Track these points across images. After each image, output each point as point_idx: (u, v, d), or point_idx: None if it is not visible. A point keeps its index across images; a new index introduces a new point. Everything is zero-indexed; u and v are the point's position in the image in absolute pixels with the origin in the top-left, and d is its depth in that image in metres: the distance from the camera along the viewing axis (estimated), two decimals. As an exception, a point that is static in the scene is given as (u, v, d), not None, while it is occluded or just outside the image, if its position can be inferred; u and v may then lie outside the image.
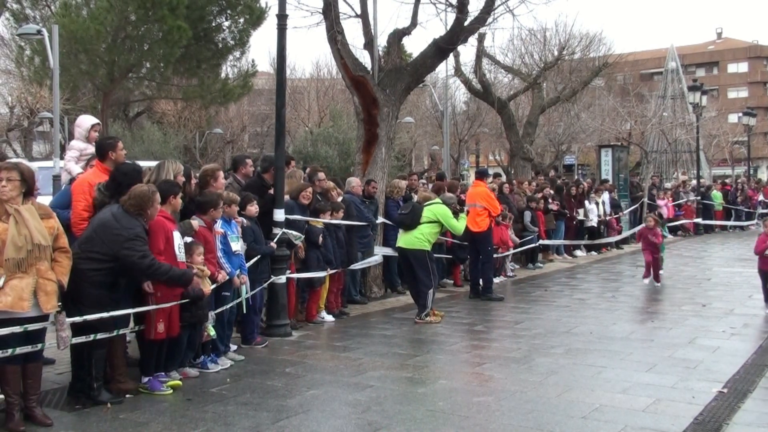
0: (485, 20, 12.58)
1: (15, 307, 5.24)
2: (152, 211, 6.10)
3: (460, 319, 10.12)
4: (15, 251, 5.25)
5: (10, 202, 5.35)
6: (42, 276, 5.37)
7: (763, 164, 61.30)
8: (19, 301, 5.26)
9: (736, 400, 6.19)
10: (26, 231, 5.30)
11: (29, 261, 5.30)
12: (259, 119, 46.78)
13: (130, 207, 6.02)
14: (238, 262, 7.60)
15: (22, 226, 5.31)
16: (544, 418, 5.72)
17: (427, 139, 43.85)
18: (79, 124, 7.77)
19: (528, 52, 27.96)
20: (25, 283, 5.29)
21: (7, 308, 5.22)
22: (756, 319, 9.81)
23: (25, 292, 5.28)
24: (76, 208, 6.51)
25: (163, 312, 6.29)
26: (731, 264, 16.11)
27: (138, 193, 6.06)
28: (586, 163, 42.51)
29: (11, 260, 5.23)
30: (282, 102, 9.46)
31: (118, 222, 5.94)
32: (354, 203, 10.71)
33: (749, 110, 36.45)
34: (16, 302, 5.25)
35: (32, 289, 5.33)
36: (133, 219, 5.99)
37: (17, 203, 5.38)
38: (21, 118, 32.31)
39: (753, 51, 72.10)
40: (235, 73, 33.12)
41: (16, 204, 5.37)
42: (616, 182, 21.61)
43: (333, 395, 6.33)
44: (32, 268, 5.32)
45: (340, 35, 11.73)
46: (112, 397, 6.07)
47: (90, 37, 25.07)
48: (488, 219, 11.93)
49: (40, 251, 5.35)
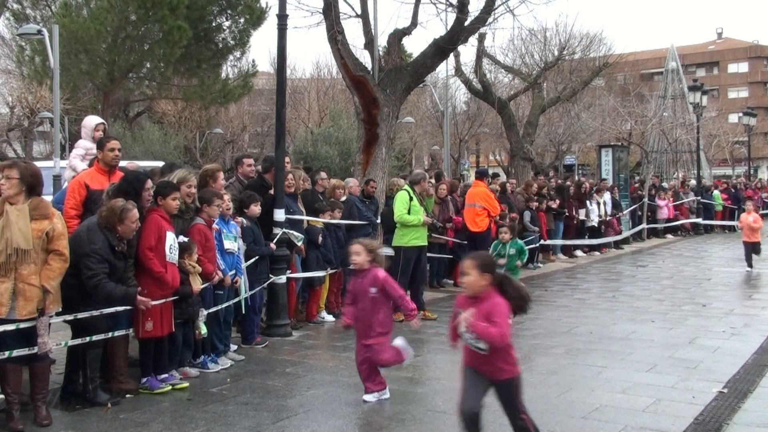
0: (485, 20, 12.60)
1: None
2: (123, 228, 5.89)
3: (460, 319, 10.09)
4: None
5: (8, 200, 5.31)
6: (23, 280, 5.29)
7: (763, 164, 61.28)
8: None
9: (736, 400, 6.18)
10: (8, 234, 5.23)
11: (8, 265, 5.23)
12: (260, 119, 46.76)
13: (100, 220, 5.91)
14: (231, 261, 7.54)
15: (6, 229, 5.24)
16: (545, 418, 5.71)
17: (427, 139, 43.83)
18: (85, 124, 7.98)
19: (528, 52, 27.96)
20: (3, 288, 5.24)
21: None
22: (756, 319, 9.81)
23: (3, 296, 5.23)
24: (65, 207, 6.57)
25: (151, 310, 6.26)
26: (731, 264, 16.10)
27: (109, 208, 5.94)
28: (587, 163, 42.49)
29: None
30: (282, 102, 9.46)
31: (86, 234, 5.87)
32: (353, 204, 10.71)
33: (749, 110, 36.47)
34: None
35: (10, 294, 5.26)
36: (99, 233, 5.84)
37: (17, 201, 5.34)
38: (21, 117, 32.30)
39: (753, 51, 72.06)
40: (235, 73, 33.13)
41: (16, 202, 5.32)
42: (617, 182, 21.62)
43: (333, 395, 6.33)
44: (11, 273, 5.25)
45: (341, 35, 11.75)
46: (111, 397, 6.06)
47: (90, 37, 25.07)
48: (488, 219, 11.89)
49: (21, 255, 5.26)
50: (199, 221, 7.04)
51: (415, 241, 9.86)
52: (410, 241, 9.83)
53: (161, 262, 6.28)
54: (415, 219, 9.81)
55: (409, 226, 9.79)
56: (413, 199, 9.90)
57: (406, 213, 9.78)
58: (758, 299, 11.13)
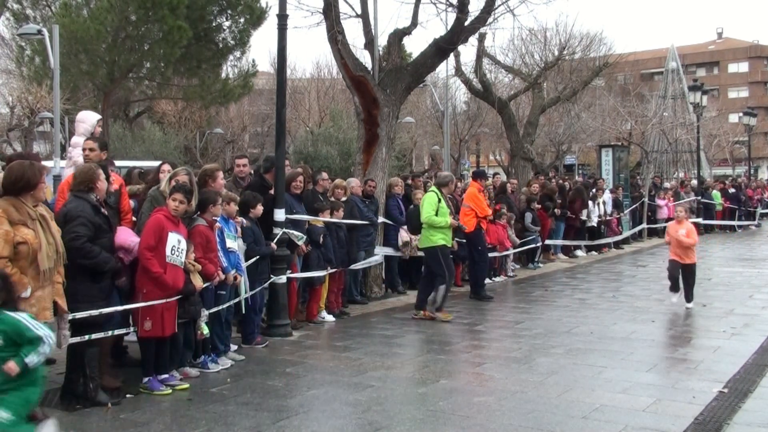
0: (485, 20, 12.59)
1: (40, 318, 5.12)
2: (101, 185, 6.03)
3: (460, 319, 10.11)
4: (47, 261, 5.11)
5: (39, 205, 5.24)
6: (55, 281, 5.32)
7: (763, 164, 61.28)
8: (44, 311, 5.19)
9: (736, 400, 6.18)
10: (52, 239, 5.20)
11: (55, 270, 5.24)
12: (260, 119, 46.74)
13: (76, 186, 5.98)
14: (234, 260, 7.57)
15: (48, 233, 5.18)
16: (545, 418, 5.72)
17: (427, 139, 43.82)
18: (84, 119, 7.82)
19: (528, 52, 27.95)
20: (47, 292, 5.22)
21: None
22: (756, 319, 9.81)
23: (47, 301, 5.22)
24: (56, 207, 6.56)
25: (150, 310, 6.27)
26: (731, 264, 16.10)
27: (81, 171, 6.03)
28: (587, 163, 42.46)
29: (46, 271, 5.10)
30: (282, 102, 9.47)
31: (67, 207, 5.91)
32: (355, 204, 10.72)
33: (750, 110, 36.44)
34: (41, 312, 5.16)
35: (52, 297, 5.27)
36: (80, 201, 5.91)
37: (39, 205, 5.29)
38: (21, 118, 32.30)
39: (753, 51, 72.07)
40: (235, 73, 33.09)
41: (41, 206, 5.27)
42: (617, 182, 21.61)
43: (333, 395, 6.33)
44: (53, 276, 5.26)
45: (341, 35, 11.74)
46: (110, 397, 6.06)
47: (90, 37, 25.05)
48: (474, 219, 11.89)
49: (61, 259, 5.30)
50: (201, 222, 7.03)
51: (441, 241, 10.03)
52: (438, 240, 10.01)
53: (160, 262, 6.27)
54: (443, 221, 10.01)
55: (436, 227, 9.98)
56: (441, 200, 10.10)
57: (434, 214, 9.97)
58: (758, 299, 11.12)
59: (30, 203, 5.14)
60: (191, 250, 6.70)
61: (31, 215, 5.10)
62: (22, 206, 5.08)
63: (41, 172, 5.29)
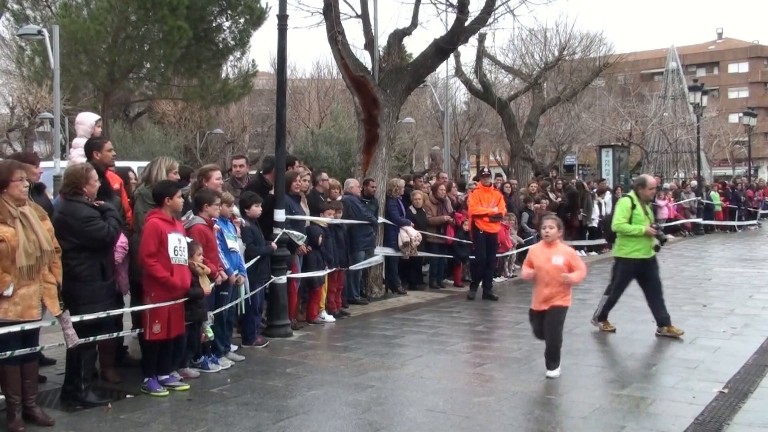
0: (486, 20, 12.57)
1: (25, 316, 5.19)
2: (89, 188, 6.00)
3: (460, 319, 10.11)
4: (26, 258, 5.14)
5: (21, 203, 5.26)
6: (45, 280, 5.33)
7: (763, 164, 61.27)
8: (29, 310, 5.22)
9: (736, 401, 6.18)
10: (34, 236, 5.21)
11: (37, 267, 5.23)
12: (260, 119, 46.77)
13: (66, 189, 5.96)
14: (236, 260, 7.57)
15: (30, 231, 5.20)
16: (545, 418, 5.72)
17: (427, 139, 43.83)
18: (83, 121, 7.81)
19: (528, 52, 27.96)
20: (33, 291, 5.24)
21: (18, 317, 5.18)
22: (756, 319, 9.81)
23: (33, 299, 5.24)
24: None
25: (158, 313, 6.26)
26: (732, 264, 16.10)
27: (72, 172, 6.02)
28: (587, 163, 42.51)
29: (24, 268, 5.13)
30: (282, 102, 9.47)
31: (62, 213, 5.90)
32: (353, 203, 10.70)
33: (750, 110, 36.45)
34: (26, 311, 5.20)
35: (40, 296, 5.29)
36: (73, 204, 5.90)
37: (26, 203, 5.31)
38: (21, 118, 32.35)
39: (753, 51, 72.07)
40: (235, 73, 33.12)
41: (25, 205, 5.29)
42: (617, 182, 21.62)
43: (333, 395, 6.33)
44: (38, 275, 5.27)
45: (341, 35, 11.73)
46: (99, 398, 6.05)
47: (90, 38, 25.05)
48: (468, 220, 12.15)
49: (46, 256, 5.29)
50: (199, 221, 7.03)
51: (636, 253, 8.91)
52: (630, 252, 8.93)
53: (165, 265, 6.25)
54: (636, 229, 8.86)
55: (629, 236, 8.92)
56: (636, 206, 8.98)
57: (626, 222, 8.91)
58: (758, 299, 11.11)
59: (11, 202, 5.18)
60: (198, 252, 6.68)
61: (11, 213, 5.15)
62: (2, 205, 5.13)
63: (11, 170, 5.26)
